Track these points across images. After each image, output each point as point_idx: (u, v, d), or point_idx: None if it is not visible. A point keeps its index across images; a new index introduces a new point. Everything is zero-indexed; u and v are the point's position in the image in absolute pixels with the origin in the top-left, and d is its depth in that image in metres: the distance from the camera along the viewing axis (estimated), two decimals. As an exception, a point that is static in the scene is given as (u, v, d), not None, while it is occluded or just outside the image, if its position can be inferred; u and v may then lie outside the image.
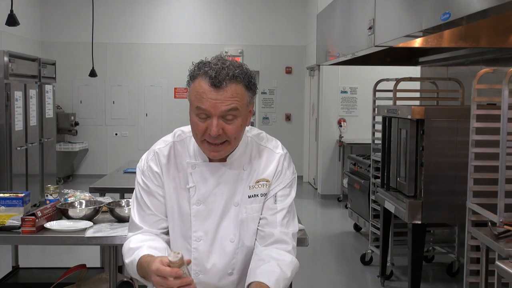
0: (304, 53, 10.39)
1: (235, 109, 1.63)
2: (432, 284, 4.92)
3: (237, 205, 1.77)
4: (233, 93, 1.62)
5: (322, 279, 5.03)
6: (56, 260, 5.18)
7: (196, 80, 1.64)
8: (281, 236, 1.77)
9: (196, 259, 1.77)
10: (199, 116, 1.64)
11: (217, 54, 1.72)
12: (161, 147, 1.80)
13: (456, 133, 3.94)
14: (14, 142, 6.88)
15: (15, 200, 2.92)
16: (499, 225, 3.02)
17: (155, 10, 10.42)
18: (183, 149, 1.79)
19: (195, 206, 1.75)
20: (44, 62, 8.08)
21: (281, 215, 1.79)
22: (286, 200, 1.81)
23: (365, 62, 5.38)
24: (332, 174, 8.64)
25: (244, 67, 1.68)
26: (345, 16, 4.98)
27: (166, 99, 10.58)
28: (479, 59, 4.86)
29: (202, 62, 1.67)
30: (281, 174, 1.80)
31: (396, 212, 4.21)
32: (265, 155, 1.80)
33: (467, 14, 2.55)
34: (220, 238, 1.77)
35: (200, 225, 1.76)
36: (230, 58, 1.71)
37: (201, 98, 1.61)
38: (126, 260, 1.72)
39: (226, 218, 1.77)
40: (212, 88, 1.60)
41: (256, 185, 1.78)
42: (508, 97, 3.03)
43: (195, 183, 1.75)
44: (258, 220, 1.79)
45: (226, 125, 1.64)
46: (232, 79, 1.62)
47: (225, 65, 1.63)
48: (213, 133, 1.62)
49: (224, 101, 1.61)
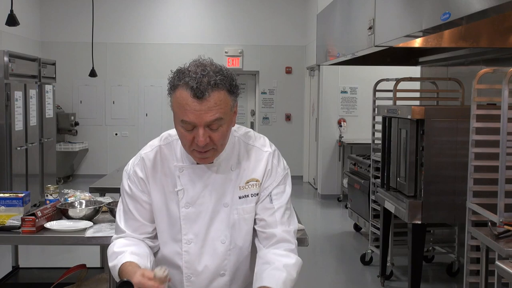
0: (304, 53, 10.39)
1: (219, 118, 1.61)
2: (432, 284, 4.92)
3: (227, 206, 1.75)
4: (216, 101, 1.58)
5: (322, 279, 5.03)
6: (56, 260, 5.18)
7: (177, 91, 1.61)
8: (283, 235, 1.75)
9: (187, 262, 1.77)
10: (185, 128, 1.63)
11: (195, 59, 1.67)
12: (146, 152, 1.78)
13: (456, 133, 3.94)
14: (14, 142, 6.88)
15: (15, 200, 2.92)
16: (499, 225, 3.02)
17: (155, 10, 10.42)
18: (170, 152, 1.77)
19: (184, 209, 1.74)
20: (44, 62, 8.07)
21: (279, 213, 1.76)
22: (282, 197, 1.78)
23: (365, 62, 5.38)
24: (332, 174, 8.64)
25: (224, 71, 1.63)
26: (345, 16, 4.98)
27: (166, 99, 10.45)
28: (479, 59, 4.86)
29: (181, 70, 1.64)
30: (272, 172, 1.78)
31: (396, 212, 4.21)
32: (253, 154, 1.78)
33: (467, 14, 2.55)
34: (211, 240, 1.76)
35: (190, 227, 1.75)
36: (207, 61, 1.65)
37: (185, 111, 1.59)
38: (110, 263, 1.72)
39: (217, 220, 1.76)
40: (195, 99, 1.57)
41: (246, 186, 1.76)
42: (508, 97, 3.03)
43: (183, 186, 1.74)
44: (250, 220, 1.77)
45: (212, 133, 1.62)
46: (214, 87, 1.58)
47: (205, 72, 1.59)
48: (201, 143, 1.61)
49: (208, 111, 1.58)
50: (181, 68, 1.65)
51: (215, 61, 1.67)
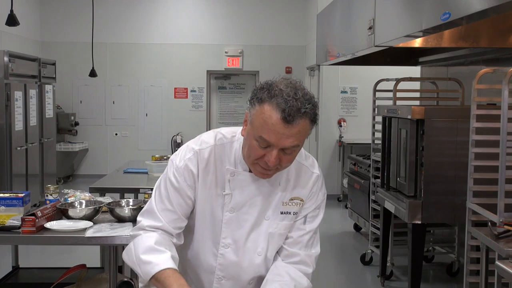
0: (304, 53, 10.39)
1: (297, 146, 1.62)
2: (432, 284, 4.92)
3: (268, 219, 1.76)
4: (300, 129, 1.58)
5: (322, 279, 5.03)
6: (56, 260, 5.18)
7: (264, 106, 1.57)
8: (305, 258, 1.79)
9: (222, 265, 1.78)
10: (260, 144, 1.60)
11: (284, 77, 1.64)
12: (202, 148, 1.74)
13: (456, 133, 3.93)
14: (14, 142, 6.88)
15: (15, 200, 2.91)
16: (499, 225, 3.02)
17: (155, 10, 10.41)
18: (224, 154, 1.75)
19: (228, 213, 1.74)
20: (44, 62, 8.07)
21: (308, 236, 1.80)
22: (315, 222, 1.82)
23: (365, 62, 5.38)
24: (332, 174, 8.63)
25: (313, 100, 1.61)
26: (345, 16, 4.98)
27: (166, 99, 10.58)
28: (479, 59, 4.86)
29: (271, 85, 1.60)
30: (315, 195, 1.80)
31: (396, 212, 4.21)
32: (302, 173, 1.79)
33: (467, 14, 2.55)
34: (248, 249, 1.77)
35: (230, 232, 1.76)
36: (298, 83, 1.62)
37: (268, 129, 1.57)
38: (144, 256, 1.66)
39: (256, 230, 1.77)
40: (283, 122, 1.55)
41: (290, 202, 1.77)
42: (508, 97, 3.03)
43: (231, 191, 1.73)
44: (284, 236, 1.79)
45: (284, 156, 1.63)
46: (303, 115, 1.57)
47: (297, 96, 1.56)
48: (271, 164, 1.61)
49: (290, 137, 1.57)
50: (271, 83, 1.61)
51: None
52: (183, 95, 10.54)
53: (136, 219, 1.82)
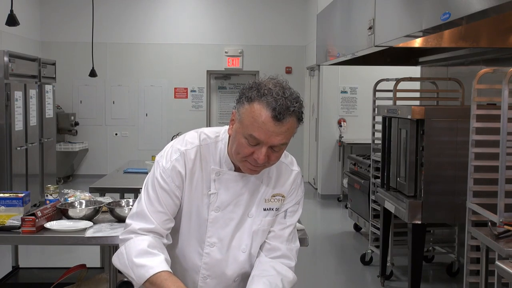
0: (304, 53, 10.39)
1: (285, 143, 1.65)
2: (432, 284, 4.92)
3: (251, 217, 1.80)
4: (289, 127, 1.62)
5: (322, 279, 5.03)
6: (56, 260, 5.18)
7: (254, 104, 1.60)
8: (287, 252, 1.84)
9: (207, 264, 1.79)
10: (249, 142, 1.63)
11: (271, 76, 1.68)
12: (188, 149, 1.75)
13: (456, 133, 3.94)
14: (14, 142, 6.88)
15: (15, 200, 2.91)
16: (499, 225, 3.02)
17: (155, 10, 10.42)
18: (208, 154, 1.77)
19: (213, 213, 1.76)
20: (44, 62, 8.07)
21: (289, 230, 1.85)
22: (294, 216, 1.88)
23: (365, 62, 5.38)
24: (332, 174, 8.64)
25: (299, 99, 1.66)
26: (345, 16, 4.98)
27: (166, 99, 10.58)
28: (479, 59, 4.86)
29: (259, 84, 1.63)
30: (295, 191, 1.86)
31: (396, 212, 4.21)
32: (282, 170, 1.84)
33: (467, 14, 2.55)
34: (233, 247, 1.80)
35: (215, 231, 1.77)
36: (284, 83, 1.66)
37: (258, 127, 1.59)
38: (137, 259, 1.66)
39: (241, 229, 1.80)
40: (273, 120, 1.59)
41: (272, 199, 1.82)
42: (508, 97, 3.03)
43: (217, 190, 1.76)
44: (267, 232, 1.84)
45: (272, 154, 1.66)
46: (292, 114, 1.61)
47: (286, 95, 1.60)
48: (261, 161, 1.64)
49: (279, 135, 1.61)
50: (259, 83, 1.64)
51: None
52: (183, 95, 10.54)
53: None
